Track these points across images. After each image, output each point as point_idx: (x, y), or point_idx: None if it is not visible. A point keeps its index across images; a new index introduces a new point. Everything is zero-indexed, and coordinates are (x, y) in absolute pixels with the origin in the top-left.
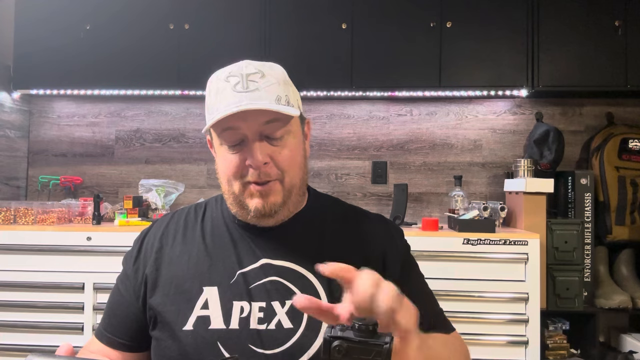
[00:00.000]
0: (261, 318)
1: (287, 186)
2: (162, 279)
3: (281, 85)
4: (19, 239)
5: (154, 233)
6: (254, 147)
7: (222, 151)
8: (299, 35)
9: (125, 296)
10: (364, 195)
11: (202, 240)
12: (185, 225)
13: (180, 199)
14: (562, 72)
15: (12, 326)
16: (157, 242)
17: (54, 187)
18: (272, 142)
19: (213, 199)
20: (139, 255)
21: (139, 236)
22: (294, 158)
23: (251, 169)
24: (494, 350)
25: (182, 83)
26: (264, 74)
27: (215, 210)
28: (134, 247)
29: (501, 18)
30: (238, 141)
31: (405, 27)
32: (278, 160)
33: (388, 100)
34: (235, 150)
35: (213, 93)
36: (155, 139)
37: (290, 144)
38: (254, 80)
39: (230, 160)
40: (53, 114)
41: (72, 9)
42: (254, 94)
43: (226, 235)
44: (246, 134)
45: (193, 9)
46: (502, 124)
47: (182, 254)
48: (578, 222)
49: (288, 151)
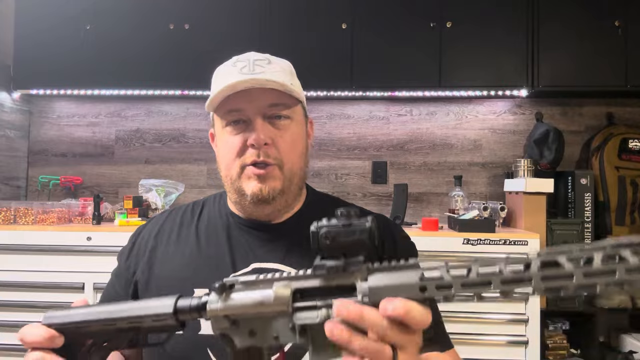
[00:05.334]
0: None
1: (287, 173)
2: (154, 280)
3: (287, 74)
4: (19, 239)
5: (149, 230)
6: (256, 126)
7: (225, 134)
8: (299, 35)
9: (118, 291)
10: (364, 195)
11: (197, 240)
12: (181, 223)
13: (180, 199)
14: (562, 72)
15: (12, 326)
16: (152, 241)
17: (54, 187)
18: (275, 124)
19: (212, 197)
20: (131, 251)
21: (135, 232)
22: (295, 145)
23: (251, 149)
24: (494, 350)
25: (182, 83)
26: (271, 62)
27: (213, 209)
28: (128, 243)
29: (501, 18)
30: (240, 121)
31: (405, 27)
32: (279, 144)
33: (388, 100)
34: (237, 131)
35: (219, 76)
36: (155, 139)
37: (293, 131)
38: (261, 65)
39: (231, 142)
40: (53, 114)
41: (72, 9)
42: (261, 76)
43: (222, 234)
44: (250, 115)
45: (193, 9)
46: (502, 124)
47: (175, 253)
48: (578, 222)
49: (290, 137)
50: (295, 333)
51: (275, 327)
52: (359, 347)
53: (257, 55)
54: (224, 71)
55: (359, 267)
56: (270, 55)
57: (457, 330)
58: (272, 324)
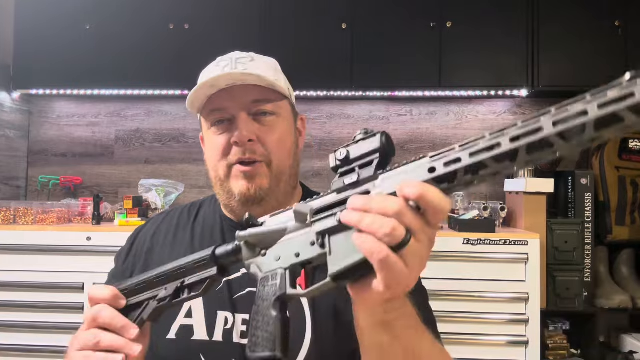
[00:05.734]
0: (244, 332)
1: (275, 171)
2: None
3: (271, 70)
4: (18, 239)
5: (146, 231)
6: (239, 123)
7: (210, 135)
8: (299, 35)
9: None
10: None
11: (191, 242)
12: (178, 225)
13: (180, 199)
14: (562, 72)
15: (12, 326)
16: (149, 242)
17: (53, 187)
18: (260, 120)
19: (209, 198)
20: (129, 253)
21: (133, 233)
22: (283, 142)
23: (236, 147)
24: (494, 350)
25: (182, 83)
26: (254, 59)
27: (209, 210)
28: (126, 244)
29: (501, 18)
30: (225, 121)
31: (405, 27)
32: (265, 140)
33: (388, 100)
34: (222, 130)
35: (202, 77)
36: (155, 139)
37: (279, 127)
38: (242, 62)
39: (216, 142)
40: (53, 114)
41: (72, 9)
42: (241, 70)
43: (218, 237)
44: (233, 113)
45: (193, 9)
46: (502, 124)
47: (170, 256)
48: (578, 222)
49: (276, 133)
50: (314, 245)
51: (297, 245)
52: (370, 221)
53: (240, 53)
54: (206, 71)
55: (373, 175)
56: (255, 53)
57: (457, 330)
58: (294, 243)
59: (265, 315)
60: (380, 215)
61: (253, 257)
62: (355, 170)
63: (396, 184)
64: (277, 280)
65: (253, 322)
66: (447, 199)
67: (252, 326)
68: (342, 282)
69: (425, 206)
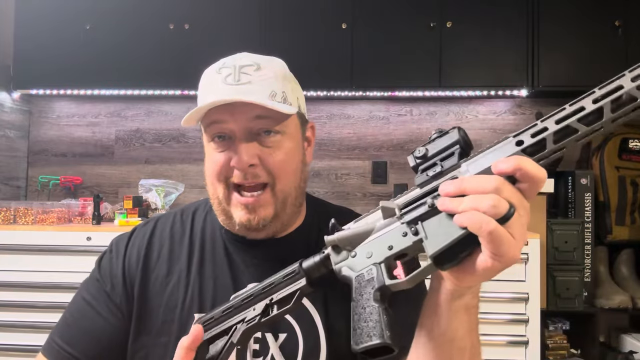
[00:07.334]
0: (256, 351)
1: (280, 195)
2: (150, 308)
3: (279, 81)
4: (18, 239)
5: (137, 247)
6: (239, 146)
7: (210, 149)
8: (299, 35)
9: (97, 309)
10: (364, 195)
11: (192, 257)
12: (172, 238)
13: (180, 199)
14: (562, 72)
15: (12, 326)
16: (142, 261)
17: (53, 187)
18: (262, 142)
19: (202, 204)
20: (123, 273)
21: (121, 251)
22: (288, 162)
23: (236, 170)
24: (494, 350)
25: (182, 83)
26: (260, 67)
27: (205, 221)
28: (115, 263)
29: (501, 18)
30: (225, 137)
31: (405, 27)
32: (268, 163)
33: (388, 100)
34: (222, 147)
35: (204, 85)
36: (155, 139)
37: (284, 146)
38: (247, 72)
39: (215, 159)
40: (53, 114)
41: (72, 9)
42: (245, 87)
43: (220, 249)
44: (233, 129)
45: (193, 9)
46: (502, 124)
47: (170, 274)
48: (578, 222)
49: (281, 154)
50: (407, 235)
51: (388, 239)
52: (471, 199)
53: (245, 59)
54: (208, 80)
55: (457, 163)
56: (262, 57)
57: None
58: (385, 238)
59: (366, 306)
60: (478, 194)
61: (343, 260)
62: (437, 164)
63: (483, 166)
64: (373, 275)
65: (354, 316)
66: (543, 168)
67: (354, 320)
68: (443, 264)
69: (522, 178)
